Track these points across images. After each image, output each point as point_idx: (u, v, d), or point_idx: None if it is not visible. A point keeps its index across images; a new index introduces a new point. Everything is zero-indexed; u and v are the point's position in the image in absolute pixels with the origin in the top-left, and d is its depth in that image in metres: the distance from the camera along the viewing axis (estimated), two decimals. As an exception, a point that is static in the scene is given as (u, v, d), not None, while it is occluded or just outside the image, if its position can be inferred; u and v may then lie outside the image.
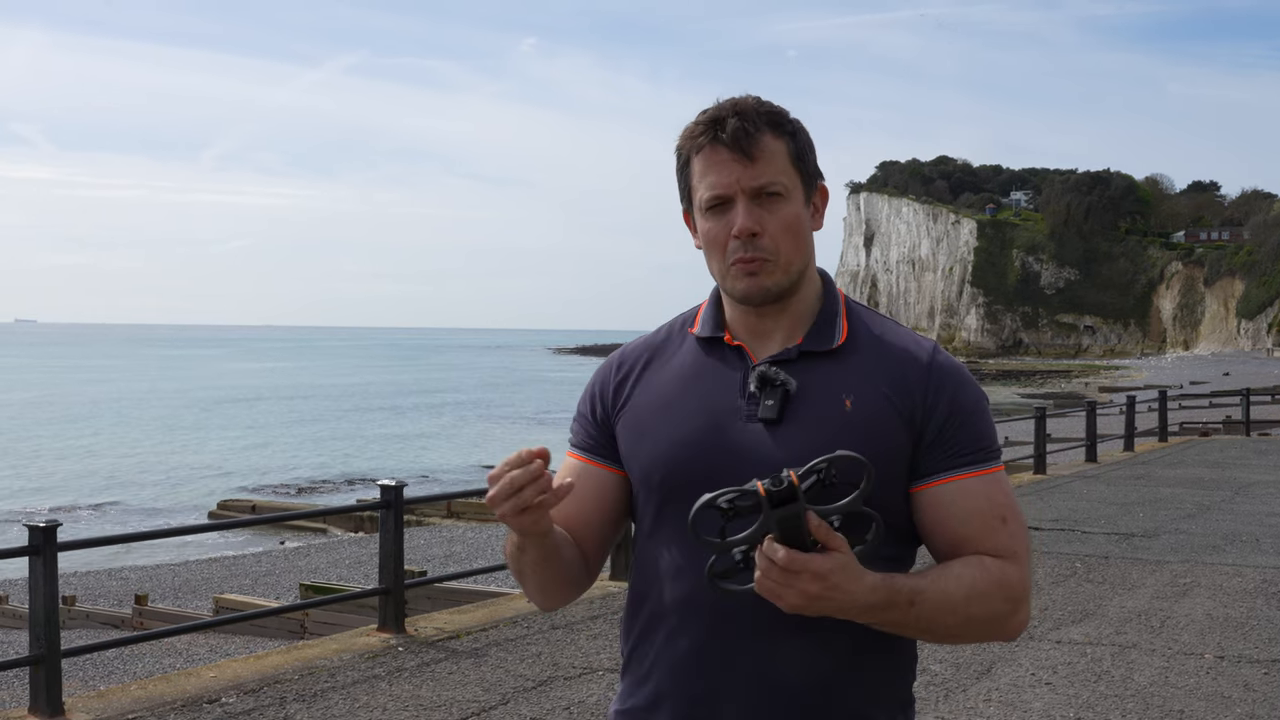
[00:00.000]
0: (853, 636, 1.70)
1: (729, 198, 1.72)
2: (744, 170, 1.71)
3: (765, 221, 1.71)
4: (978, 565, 1.68)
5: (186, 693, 6.20)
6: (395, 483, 7.85)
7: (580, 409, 1.90)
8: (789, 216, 1.73)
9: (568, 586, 1.83)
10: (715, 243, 1.75)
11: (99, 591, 16.12)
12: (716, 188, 1.72)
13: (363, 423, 56.06)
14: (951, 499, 1.71)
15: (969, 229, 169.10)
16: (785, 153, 1.74)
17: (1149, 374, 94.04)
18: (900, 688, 1.79)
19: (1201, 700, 6.13)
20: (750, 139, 1.70)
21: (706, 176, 1.73)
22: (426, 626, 7.74)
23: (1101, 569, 9.74)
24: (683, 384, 1.79)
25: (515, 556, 1.77)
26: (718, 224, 1.74)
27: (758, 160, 1.71)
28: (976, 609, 1.67)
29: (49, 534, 5.88)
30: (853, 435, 1.68)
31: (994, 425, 1.79)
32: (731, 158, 1.71)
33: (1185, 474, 17.50)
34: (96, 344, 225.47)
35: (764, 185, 1.71)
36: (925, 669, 6.55)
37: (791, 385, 1.72)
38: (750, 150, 1.71)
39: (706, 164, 1.73)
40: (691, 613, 1.72)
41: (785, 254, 1.73)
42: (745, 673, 1.71)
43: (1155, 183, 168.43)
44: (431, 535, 19.88)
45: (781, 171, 1.73)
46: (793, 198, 1.74)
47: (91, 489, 32.30)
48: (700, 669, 1.72)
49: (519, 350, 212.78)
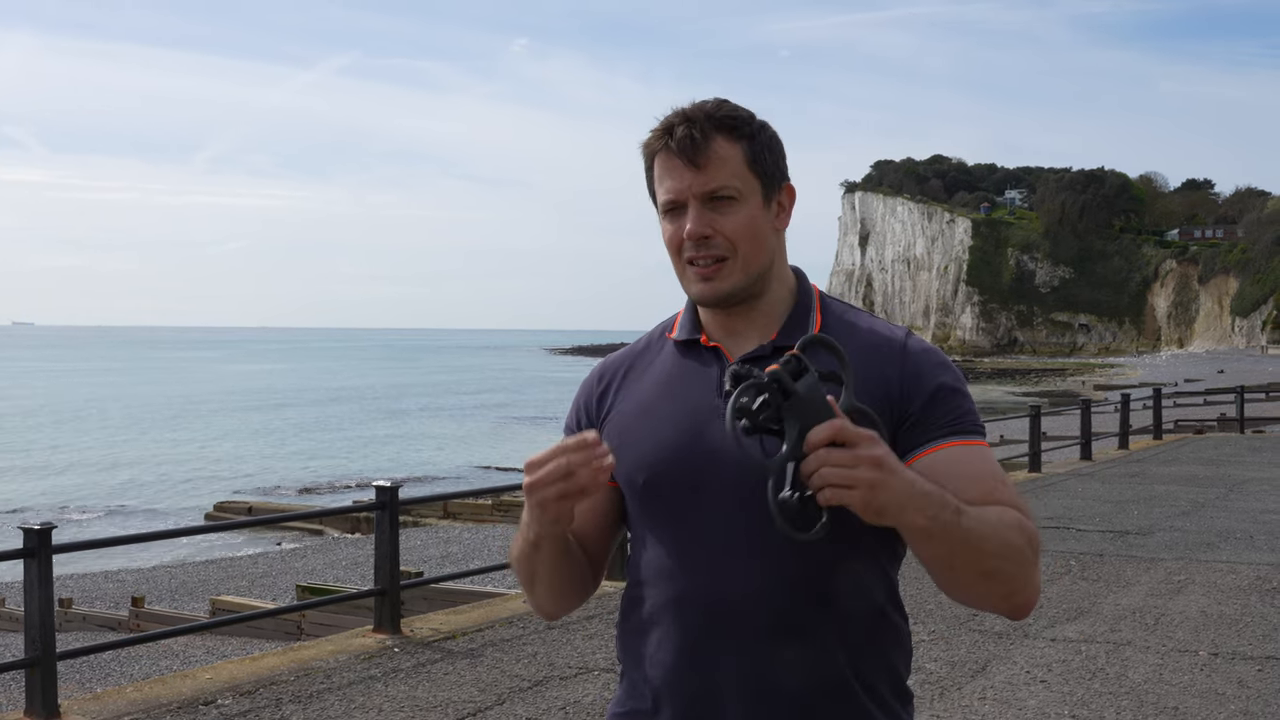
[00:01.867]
0: (850, 634, 1.71)
1: (681, 202, 1.76)
2: (694, 176, 1.74)
3: (717, 224, 1.74)
4: (996, 507, 1.66)
5: (182, 695, 6.20)
6: (390, 483, 7.86)
7: (568, 422, 1.92)
8: (743, 219, 1.75)
9: (576, 592, 1.84)
10: (671, 244, 1.79)
11: (95, 593, 16.11)
12: (670, 192, 1.76)
13: (359, 424, 56.06)
14: (944, 464, 1.68)
15: (964, 228, 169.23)
16: (740, 156, 1.75)
17: (1144, 372, 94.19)
18: (898, 684, 1.79)
19: (1196, 697, 6.15)
20: (696, 146, 1.73)
21: (663, 181, 1.77)
22: (422, 627, 7.75)
23: (1096, 566, 9.75)
24: (661, 388, 1.81)
25: (529, 556, 1.75)
26: (673, 227, 1.77)
27: (705, 167, 1.74)
28: (1012, 536, 1.63)
29: (44, 536, 5.88)
30: None
31: (974, 405, 1.78)
32: (682, 164, 1.74)
33: (1180, 471, 17.52)
34: (94, 346, 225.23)
35: (713, 190, 1.74)
36: (920, 667, 6.56)
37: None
38: (697, 158, 1.73)
39: (662, 169, 1.77)
40: (685, 614, 1.73)
41: (743, 255, 1.75)
42: (744, 673, 1.71)
43: (1149, 181, 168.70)
44: (427, 536, 19.89)
45: (734, 175, 1.74)
46: (748, 200, 1.75)
47: (88, 491, 32.27)
48: (698, 670, 1.73)
49: (515, 351, 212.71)
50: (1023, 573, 1.65)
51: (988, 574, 1.63)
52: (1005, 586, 1.66)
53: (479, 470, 36.68)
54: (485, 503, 22.28)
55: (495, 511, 22.14)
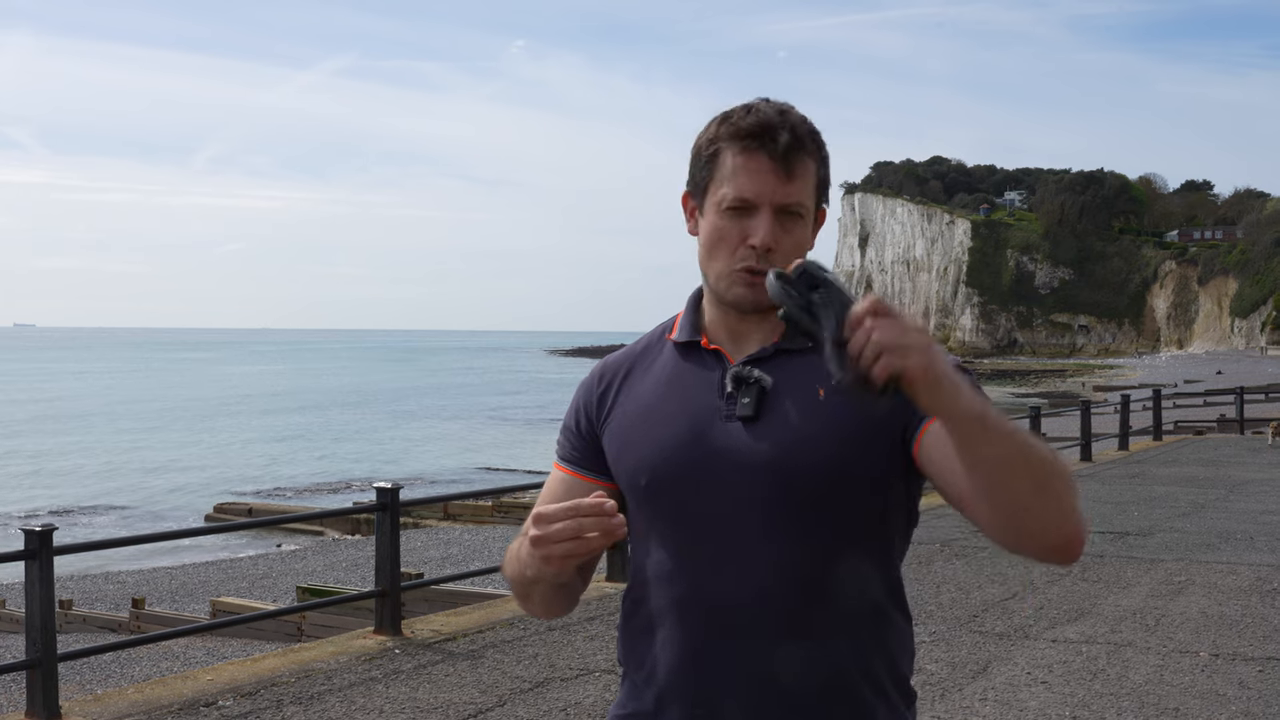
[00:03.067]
0: (854, 632, 1.71)
1: (756, 205, 1.71)
2: (779, 186, 1.70)
3: (781, 240, 1.71)
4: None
5: (183, 696, 6.20)
6: (391, 485, 7.86)
7: (566, 423, 1.91)
8: (800, 238, 1.74)
9: (568, 603, 1.84)
10: (724, 243, 1.74)
11: (96, 595, 16.11)
12: (747, 192, 1.70)
13: (360, 425, 56.06)
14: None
15: (963, 229, 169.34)
16: (814, 176, 1.74)
17: (1143, 373, 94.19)
18: (902, 682, 1.79)
19: (1196, 698, 6.15)
20: (796, 158, 1.70)
21: (738, 177, 1.71)
22: (423, 629, 7.75)
23: (1097, 568, 9.76)
24: (662, 389, 1.80)
25: (525, 582, 1.74)
26: (733, 226, 1.72)
27: (794, 179, 1.71)
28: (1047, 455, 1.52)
29: (45, 538, 5.88)
30: (830, 423, 1.69)
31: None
32: (772, 169, 1.70)
33: (1180, 472, 17.53)
34: (95, 348, 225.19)
35: (791, 205, 1.71)
36: (921, 668, 6.56)
37: (766, 382, 1.73)
38: (792, 169, 1.70)
39: (742, 165, 1.71)
40: (688, 614, 1.73)
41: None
42: (747, 673, 1.71)
43: (1149, 182, 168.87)
44: (428, 537, 19.87)
45: (808, 194, 1.73)
46: (808, 220, 1.75)
47: (88, 492, 32.26)
48: (701, 670, 1.73)
49: (515, 352, 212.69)
50: (1070, 492, 1.54)
51: (1041, 485, 1.51)
52: (1059, 504, 1.53)
53: (480, 471, 36.66)
54: (486, 504, 22.29)
55: (496, 513, 22.15)
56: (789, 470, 1.67)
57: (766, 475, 1.68)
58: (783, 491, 1.67)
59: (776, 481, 1.67)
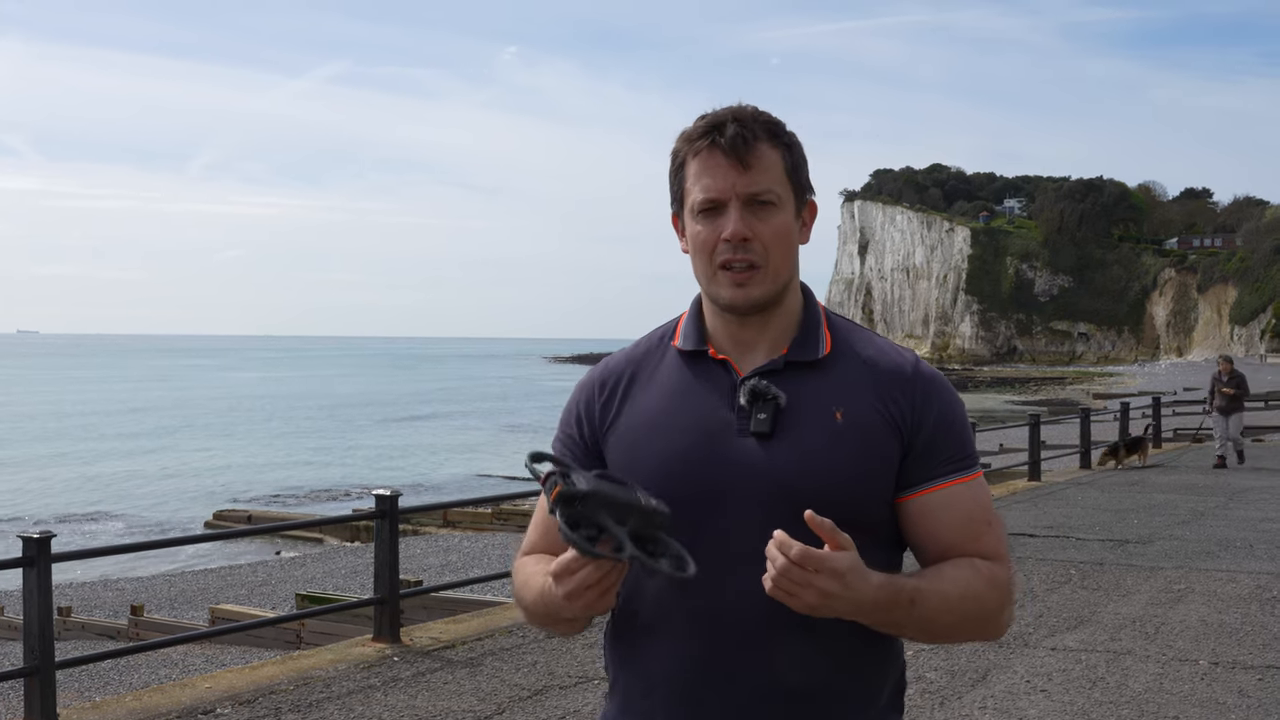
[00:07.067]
0: (845, 641, 1.71)
1: (722, 202, 1.73)
2: (739, 176, 1.72)
3: (756, 228, 1.72)
4: (969, 567, 1.72)
5: (181, 703, 6.19)
6: (390, 492, 7.85)
7: (565, 429, 1.89)
8: (780, 226, 1.74)
9: (575, 620, 1.84)
10: (704, 246, 1.75)
11: (94, 602, 16.08)
12: (710, 191, 1.73)
13: (358, 432, 55.99)
14: (941, 506, 1.74)
15: (963, 236, 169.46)
16: (780, 163, 1.75)
17: (1143, 380, 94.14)
18: (891, 688, 1.80)
19: (1196, 706, 6.14)
20: (748, 146, 1.72)
21: (701, 179, 1.74)
22: (422, 636, 7.74)
23: (1096, 575, 9.75)
24: (671, 400, 1.79)
25: (542, 615, 1.76)
26: (708, 227, 1.74)
27: (753, 168, 1.72)
28: (971, 607, 1.71)
29: (43, 545, 5.87)
30: (846, 447, 1.70)
31: (972, 434, 1.83)
32: (728, 163, 1.72)
33: (1179, 480, 17.52)
34: (98, 354, 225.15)
35: (758, 193, 1.72)
36: (920, 676, 6.56)
37: (782, 399, 1.73)
38: (746, 157, 1.72)
39: (702, 167, 1.74)
40: (690, 625, 1.73)
41: (774, 263, 1.75)
42: (742, 681, 1.71)
43: (1148, 190, 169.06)
44: (427, 544, 19.85)
45: (776, 181, 1.74)
46: (784, 208, 1.75)
47: (87, 500, 32.22)
48: (697, 678, 1.73)
49: (514, 359, 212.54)
50: (987, 624, 1.75)
51: (947, 634, 1.74)
52: (968, 636, 1.77)
53: (479, 479, 36.59)
54: (485, 511, 22.25)
55: (495, 520, 22.11)
56: (803, 492, 1.68)
57: (780, 494, 1.69)
58: (794, 511, 1.66)
59: (789, 501, 1.67)
